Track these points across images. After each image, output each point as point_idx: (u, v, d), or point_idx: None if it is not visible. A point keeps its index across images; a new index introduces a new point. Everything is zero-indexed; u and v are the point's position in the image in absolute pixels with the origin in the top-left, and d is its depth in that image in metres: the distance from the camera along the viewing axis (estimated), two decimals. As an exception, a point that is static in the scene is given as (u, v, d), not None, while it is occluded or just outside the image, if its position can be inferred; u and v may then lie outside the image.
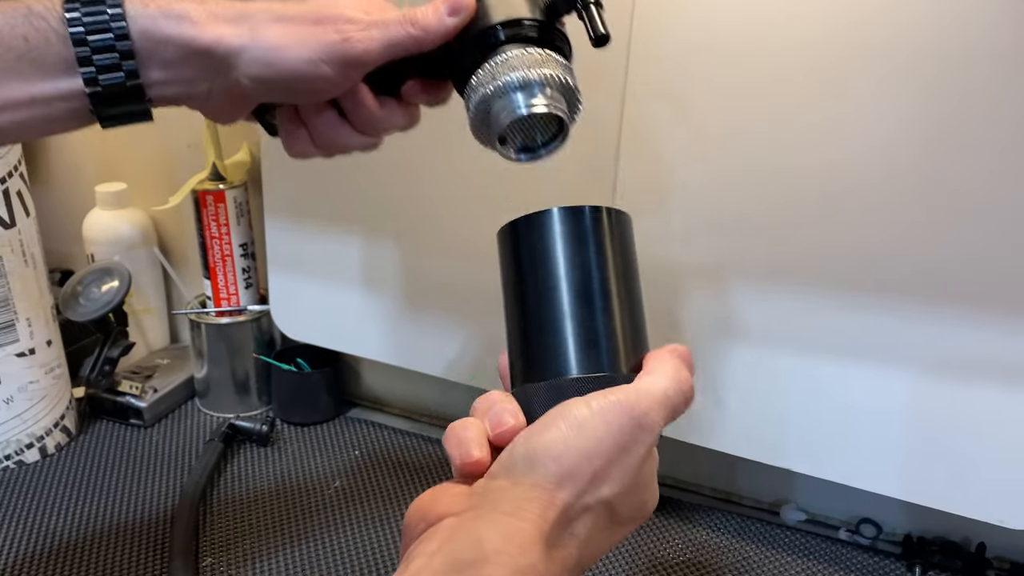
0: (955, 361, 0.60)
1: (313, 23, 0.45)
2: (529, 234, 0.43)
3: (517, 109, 0.44)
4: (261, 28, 0.44)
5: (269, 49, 0.44)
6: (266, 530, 0.75)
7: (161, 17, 0.43)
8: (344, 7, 0.46)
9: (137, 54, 0.43)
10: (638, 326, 0.44)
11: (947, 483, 0.64)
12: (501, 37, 0.45)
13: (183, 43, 0.43)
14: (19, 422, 0.83)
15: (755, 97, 0.61)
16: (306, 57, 0.44)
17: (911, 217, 0.58)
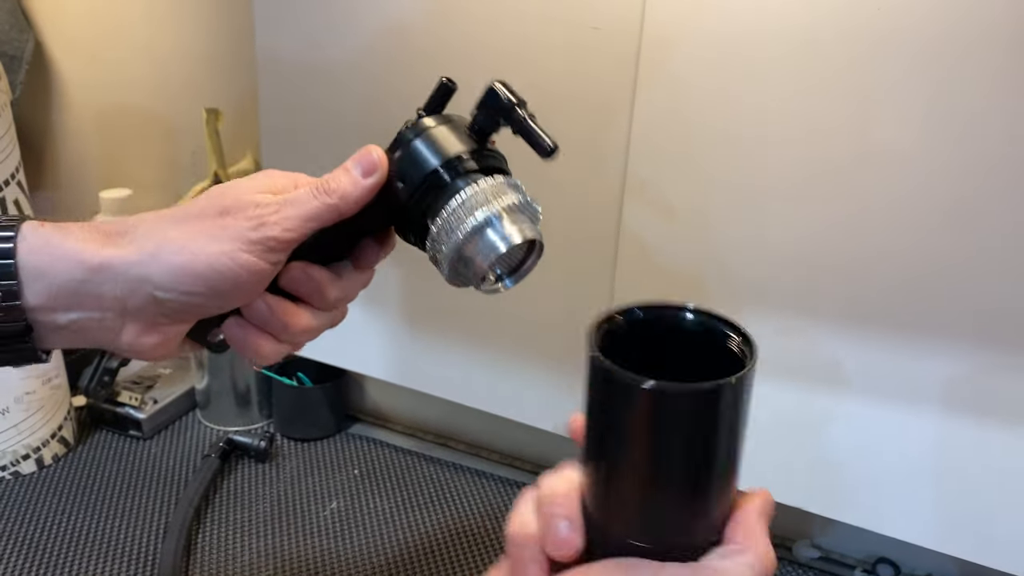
0: (982, 406, 0.57)
1: (218, 215, 0.41)
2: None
3: (496, 247, 0.42)
4: (163, 233, 0.41)
5: (178, 251, 0.40)
6: (259, 552, 0.73)
7: (56, 235, 0.40)
8: (247, 193, 0.42)
9: (20, 276, 0.39)
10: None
11: (971, 532, 0.60)
12: (446, 179, 0.42)
13: (77, 261, 0.39)
14: (15, 433, 0.81)
15: (776, 122, 0.58)
16: (222, 251, 0.41)
17: (941, 252, 0.55)
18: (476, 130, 0.44)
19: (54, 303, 0.40)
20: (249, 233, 0.41)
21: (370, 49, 0.70)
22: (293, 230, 0.42)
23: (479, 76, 0.66)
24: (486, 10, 0.65)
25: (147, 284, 0.41)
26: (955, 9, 0.50)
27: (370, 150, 0.43)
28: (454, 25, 0.66)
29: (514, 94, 0.43)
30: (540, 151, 0.42)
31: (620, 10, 0.60)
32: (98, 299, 0.41)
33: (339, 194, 0.43)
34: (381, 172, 0.43)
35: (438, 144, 0.43)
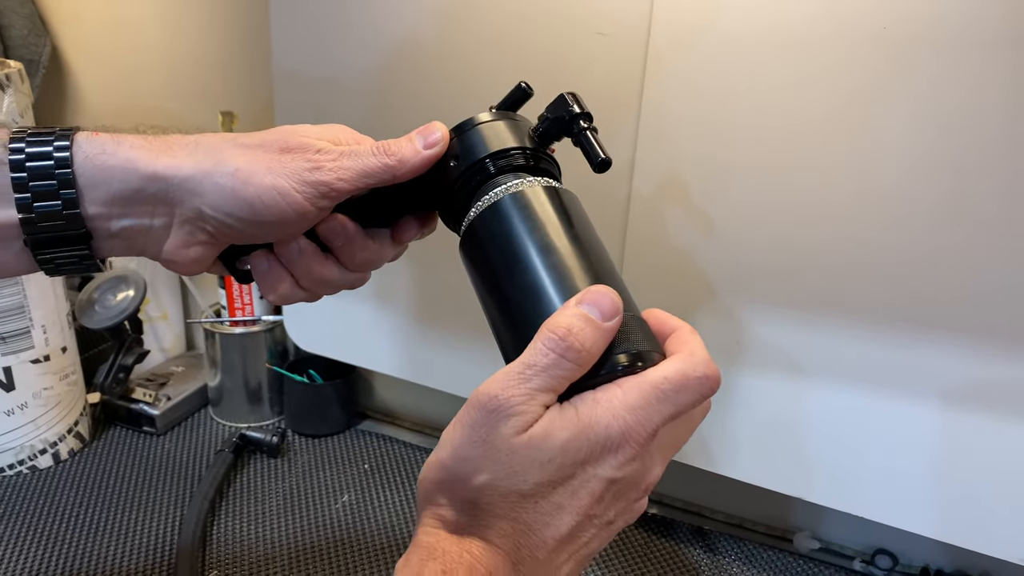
0: (977, 396, 0.59)
1: (280, 151, 0.42)
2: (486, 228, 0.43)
3: None
4: (222, 154, 0.42)
5: (233, 174, 0.41)
6: (273, 544, 0.75)
7: (110, 143, 0.40)
8: (311, 136, 0.44)
9: (79, 184, 0.40)
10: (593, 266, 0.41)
11: (967, 519, 0.62)
12: (491, 169, 0.44)
13: (132, 172, 0.40)
14: (33, 428, 0.83)
15: (780, 124, 0.59)
16: (274, 185, 0.41)
17: (938, 246, 0.57)
18: (539, 134, 0.45)
19: (110, 210, 0.41)
20: (305, 174, 0.42)
21: (384, 59, 0.72)
22: (347, 181, 0.43)
23: (488, 83, 0.68)
24: (495, 20, 0.66)
25: (197, 198, 0.41)
26: (956, 10, 0.52)
27: (435, 125, 0.45)
28: (464, 35, 0.68)
29: (581, 105, 0.44)
30: (592, 161, 0.43)
31: (627, 16, 0.62)
32: (150, 207, 0.42)
33: (398, 157, 0.44)
34: (441, 146, 0.45)
35: (495, 136, 0.45)
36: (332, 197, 0.43)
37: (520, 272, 0.40)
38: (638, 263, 0.68)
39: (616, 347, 0.37)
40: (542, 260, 0.40)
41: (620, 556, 0.75)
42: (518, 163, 0.45)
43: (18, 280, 0.78)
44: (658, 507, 0.82)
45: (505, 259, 0.41)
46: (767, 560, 0.76)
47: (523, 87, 0.47)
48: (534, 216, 0.42)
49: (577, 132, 0.44)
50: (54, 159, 0.40)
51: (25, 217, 0.40)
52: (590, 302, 0.37)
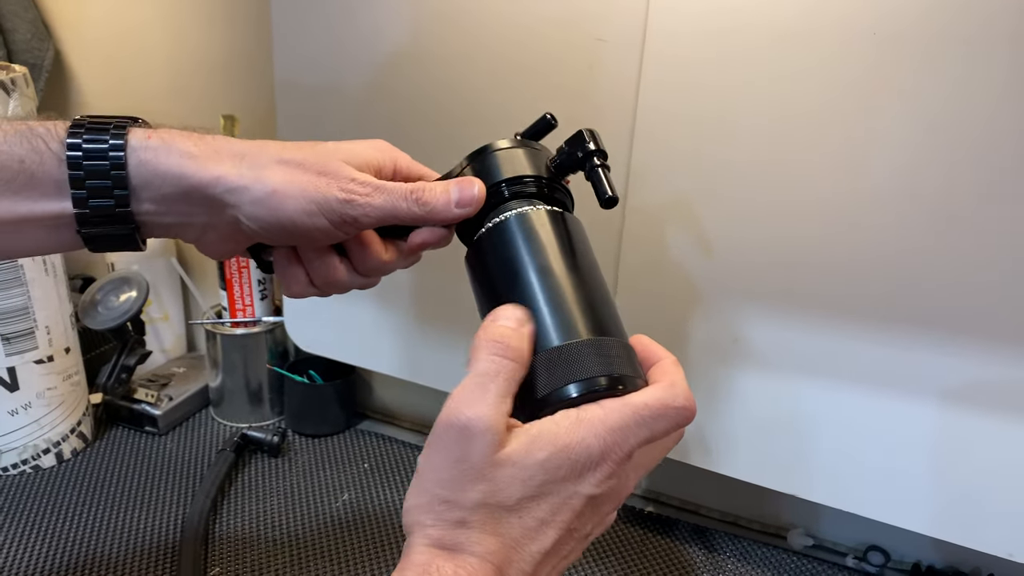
0: (968, 393, 0.60)
1: (317, 173, 0.44)
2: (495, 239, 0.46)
3: None
4: (264, 169, 0.44)
5: (271, 194, 0.44)
6: (275, 542, 0.76)
7: (162, 151, 0.43)
8: (352, 162, 0.46)
9: (131, 184, 0.43)
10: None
11: (958, 515, 0.63)
12: (505, 194, 0.47)
13: (181, 178, 0.43)
14: (36, 427, 0.84)
15: (776, 123, 0.61)
16: (305, 209, 0.44)
17: (934, 246, 0.58)
18: (556, 165, 0.47)
19: (156, 207, 0.44)
20: (335, 204, 0.44)
21: (383, 66, 0.73)
22: (373, 219, 0.46)
23: (487, 89, 0.69)
24: (493, 27, 0.67)
25: (235, 209, 0.44)
26: (956, 8, 0.53)
27: (474, 183, 0.46)
28: (463, 42, 0.69)
29: (597, 143, 0.46)
30: (600, 197, 0.45)
31: (623, 22, 0.63)
32: (194, 208, 0.45)
33: (429, 208, 0.46)
34: (475, 207, 0.46)
35: (512, 162, 0.47)
36: (358, 228, 0.47)
37: (517, 291, 0.43)
38: (634, 263, 0.69)
39: (599, 368, 0.40)
40: (538, 282, 0.43)
41: (617, 553, 0.76)
42: (531, 191, 0.47)
43: (23, 281, 0.79)
44: (654, 505, 0.83)
45: (504, 276, 0.44)
46: (761, 557, 0.77)
47: (547, 118, 0.50)
48: (535, 238, 0.44)
49: (590, 168, 0.46)
50: (109, 159, 0.42)
51: (80, 213, 0.43)
52: (500, 316, 0.41)
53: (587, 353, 0.40)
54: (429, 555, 0.37)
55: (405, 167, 0.50)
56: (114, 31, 0.98)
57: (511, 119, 0.68)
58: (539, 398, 0.40)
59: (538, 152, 0.49)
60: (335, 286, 0.51)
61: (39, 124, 0.43)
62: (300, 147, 0.46)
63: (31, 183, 0.42)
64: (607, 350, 0.41)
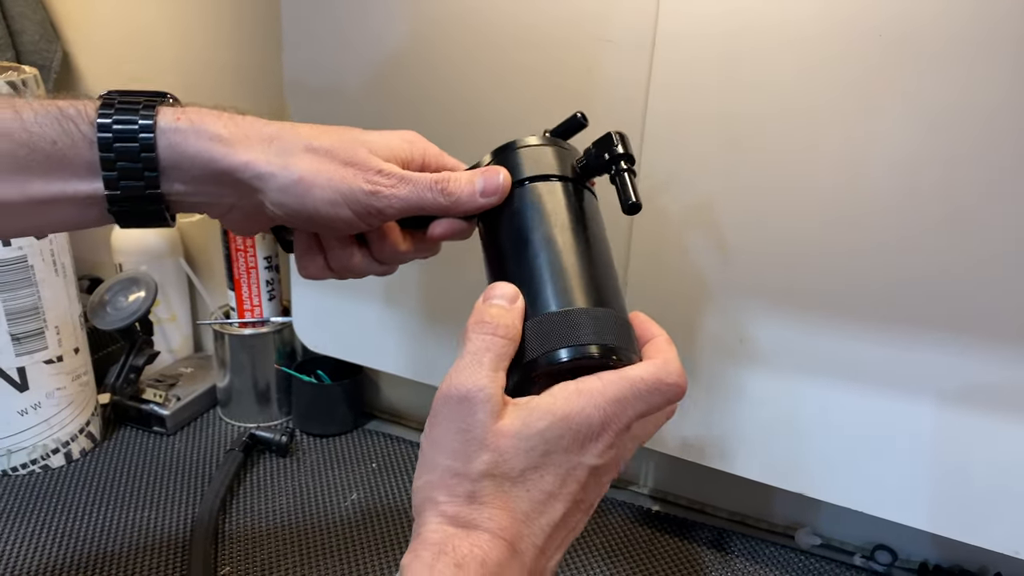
0: (974, 392, 0.60)
1: (344, 163, 0.45)
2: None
3: None
4: (292, 157, 0.44)
5: (297, 182, 0.44)
6: (284, 541, 0.76)
7: (192, 133, 0.43)
8: (379, 153, 0.46)
9: (160, 166, 0.43)
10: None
11: (964, 513, 0.63)
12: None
13: (210, 162, 0.43)
14: (46, 427, 0.84)
15: (784, 124, 0.61)
16: (330, 199, 0.45)
17: (935, 245, 0.58)
18: (582, 166, 0.47)
19: (185, 188, 0.45)
20: (360, 195, 0.45)
21: (393, 67, 0.73)
22: (398, 210, 0.46)
23: (497, 88, 0.69)
24: (501, 29, 0.68)
25: (261, 194, 0.45)
26: (962, 10, 0.53)
27: (499, 172, 0.46)
28: (474, 42, 0.69)
29: (625, 147, 0.46)
30: (623, 202, 0.45)
31: (632, 22, 0.63)
32: (221, 190, 0.45)
33: (454, 198, 0.46)
34: (499, 196, 0.46)
35: (537, 160, 0.47)
36: (382, 219, 0.47)
37: (521, 254, 0.44)
38: (643, 263, 0.69)
39: (592, 336, 0.41)
40: (543, 247, 0.44)
41: (624, 553, 0.77)
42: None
43: (33, 282, 0.79)
44: (662, 504, 0.83)
45: (511, 239, 0.45)
46: (769, 556, 0.77)
47: (578, 117, 0.50)
48: (546, 206, 0.45)
49: (615, 172, 0.46)
50: (139, 141, 0.43)
51: (111, 194, 0.43)
52: (493, 296, 0.42)
53: (582, 321, 0.41)
54: (443, 533, 0.38)
55: (434, 159, 0.50)
56: (122, 32, 0.98)
57: (519, 120, 0.69)
58: (528, 360, 0.41)
59: (565, 151, 0.49)
60: (352, 272, 0.52)
61: (70, 104, 0.43)
62: (329, 133, 0.46)
63: (63, 164, 0.43)
64: (603, 320, 0.41)
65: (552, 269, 0.43)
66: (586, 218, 0.46)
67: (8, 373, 0.80)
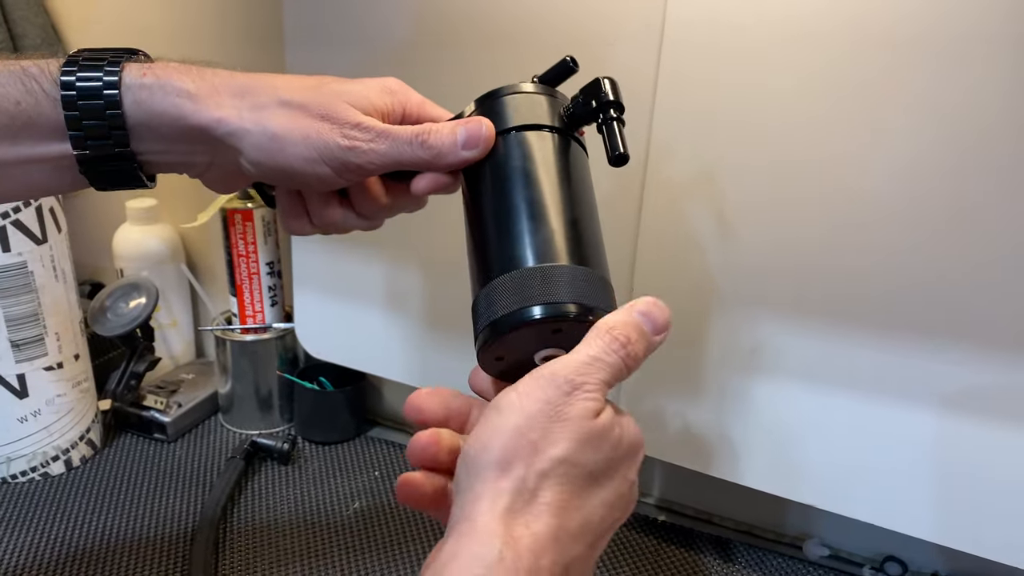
0: (980, 401, 0.59)
1: (320, 117, 0.43)
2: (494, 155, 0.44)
3: None
4: (265, 112, 0.43)
5: (271, 138, 0.43)
6: (286, 550, 0.75)
7: (158, 88, 0.42)
8: (355, 103, 0.44)
9: (128, 124, 0.42)
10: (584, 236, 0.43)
11: (975, 525, 0.62)
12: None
13: (179, 119, 0.42)
14: (46, 435, 0.84)
15: (781, 131, 0.60)
16: (305, 155, 0.43)
17: (940, 252, 0.57)
18: (570, 114, 0.45)
19: (156, 147, 0.43)
20: (336, 150, 0.43)
21: (393, 68, 0.73)
22: (377, 165, 0.44)
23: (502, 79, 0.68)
24: (506, 29, 0.67)
25: (235, 152, 0.43)
26: (970, 10, 0.53)
27: (482, 123, 0.44)
28: (479, 38, 0.69)
29: (614, 93, 0.44)
30: (610, 153, 0.43)
31: (639, 22, 0.62)
32: (193, 150, 0.44)
33: (435, 151, 0.44)
34: (482, 150, 0.44)
35: (525, 108, 0.45)
36: (362, 175, 0.45)
37: (504, 206, 0.42)
38: (651, 270, 0.68)
39: (570, 294, 0.39)
40: (525, 199, 0.42)
41: (630, 563, 0.76)
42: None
43: (32, 288, 0.78)
44: (668, 514, 0.82)
45: (494, 189, 0.43)
46: (777, 567, 0.76)
47: (567, 61, 0.47)
48: (533, 158, 0.43)
49: (603, 120, 0.44)
50: (104, 98, 0.41)
51: (80, 154, 0.42)
52: (647, 314, 0.39)
53: (562, 278, 0.39)
54: (496, 523, 0.34)
55: (416, 109, 0.48)
56: (123, 36, 0.97)
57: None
58: (501, 316, 0.39)
59: (552, 99, 0.46)
60: (335, 227, 0.50)
61: (32, 63, 0.41)
62: (305, 85, 0.44)
63: (29, 125, 0.41)
64: (582, 278, 0.40)
65: (533, 219, 0.41)
66: (571, 170, 0.44)
67: (8, 380, 0.80)
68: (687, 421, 0.71)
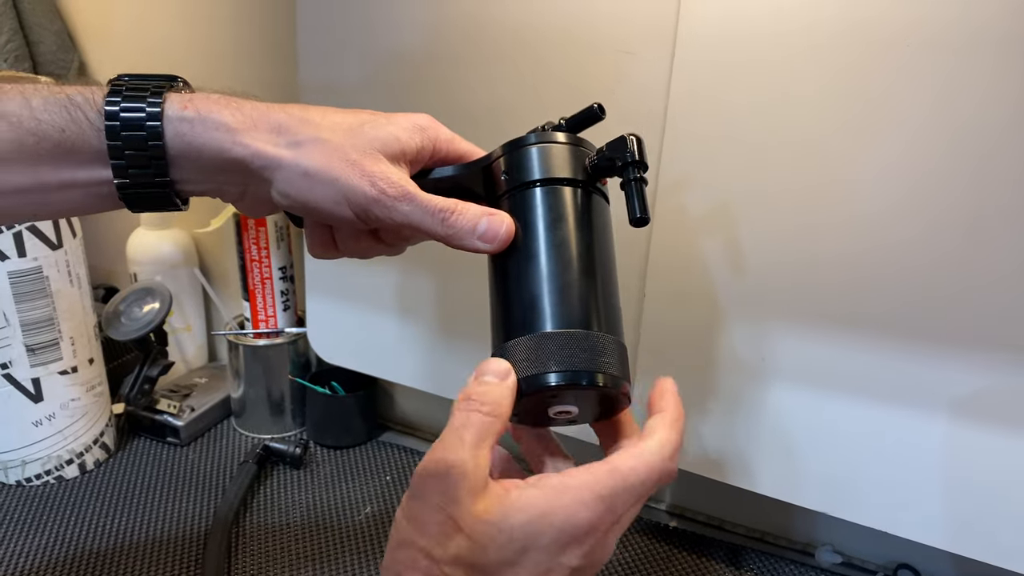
0: (996, 408, 0.59)
1: (352, 163, 0.44)
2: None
3: None
4: (299, 148, 0.44)
5: (302, 175, 0.43)
6: (298, 554, 0.76)
7: (199, 122, 0.43)
8: (386, 148, 0.45)
9: (168, 155, 0.43)
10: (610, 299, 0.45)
11: (988, 532, 0.62)
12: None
13: (218, 152, 0.43)
14: (60, 438, 0.84)
15: (792, 140, 0.60)
16: (333, 197, 0.44)
17: (955, 260, 0.57)
18: (594, 166, 0.45)
19: (193, 176, 0.44)
20: (362, 200, 0.44)
21: (408, 76, 0.73)
22: (397, 223, 0.45)
23: (513, 97, 0.69)
24: (521, 38, 0.67)
25: (268, 184, 0.44)
26: (980, 13, 0.52)
27: (503, 222, 0.45)
28: (492, 51, 0.69)
29: (641, 153, 0.44)
30: (632, 215, 0.43)
31: (652, 33, 0.62)
32: (229, 180, 0.45)
33: (453, 232, 0.45)
34: (497, 247, 0.45)
35: (549, 160, 0.45)
36: (380, 225, 0.46)
37: (523, 264, 0.44)
38: (661, 280, 0.68)
39: (585, 363, 0.41)
40: (546, 260, 0.43)
41: (641, 570, 0.75)
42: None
43: (48, 293, 0.79)
44: (679, 520, 0.82)
45: (515, 245, 0.44)
46: (788, 574, 0.76)
47: (595, 109, 0.48)
48: (555, 215, 0.44)
49: (625, 181, 0.44)
50: (146, 129, 0.42)
51: (120, 182, 0.43)
52: (483, 372, 0.41)
53: (577, 345, 0.40)
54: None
55: (445, 145, 0.49)
56: (140, 42, 0.98)
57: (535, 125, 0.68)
58: (525, 376, 0.41)
59: (578, 150, 0.46)
60: (359, 254, 0.51)
61: (77, 91, 0.42)
62: (343, 126, 0.45)
63: (72, 152, 0.42)
64: (598, 345, 0.41)
65: (554, 281, 0.42)
66: (592, 230, 0.45)
67: (23, 384, 0.80)
68: (698, 428, 0.71)
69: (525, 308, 0.43)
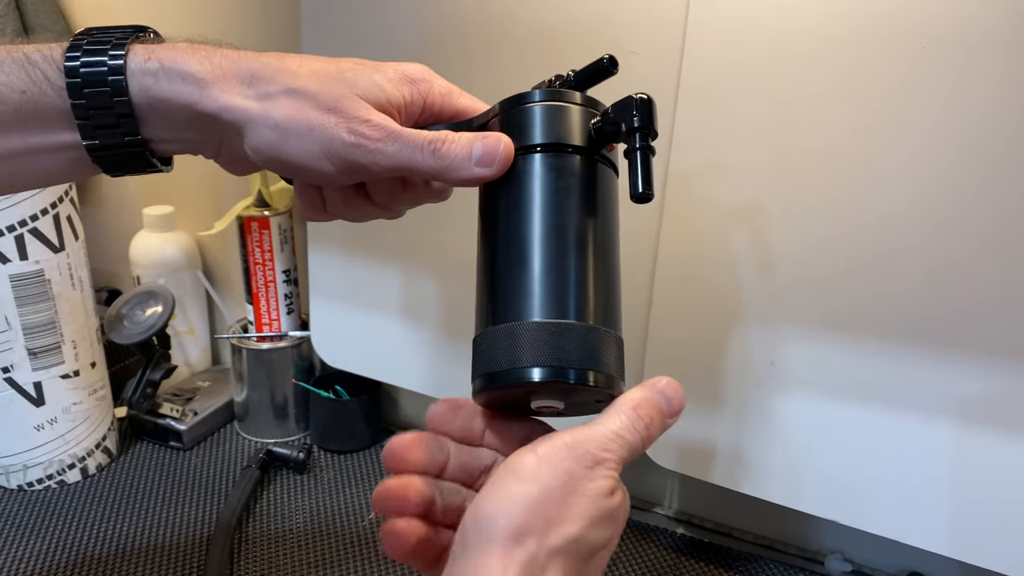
0: (1005, 416, 0.58)
1: (327, 110, 0.40)
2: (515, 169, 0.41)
3: None
4: (271, 100, 0.40)
5: (274, 128, 0.40)
6: (301, 559, 0.75)
7: (163, 74, 0.40)
8: (367, 94, 0.41)
9: (136, 112, 0.40)
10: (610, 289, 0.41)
11: (997, 541, 0.61)
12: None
13: (186, 106, 0.40)
14: (62, 442, 0.84)
15: (803, 142, 0.59)
16: (307, 149, 0.40)
17: (966, 268, 0.56)
18: (596, 129, 0.41)
19: (167, 134, 0.42)
20: (340, 147, 0.40)
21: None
22: (383, 167, 0.41)
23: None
24: (522, 39, 0.67)
25: (240, 139, 0.41)
26: (991, 15, 0.52)
27: (500, 142, 0.41)
28: (498, 50, 0.68)
29: (648, 116, 0.39)
30: (633, 189, 0.39)
31: (660, 34, 0.62)
32: (203, 136, 0.42)
33: (446, 163, 0.41)
34: (496, 171, 0.41)
35: (555, 124, 0.41)
36: (365, 175, 0.42)
37: (520, 244, 0.40)
38: (670, 284, 0.68)
39: (579, 359, 0.38)
40: (543, 243, 0.39)
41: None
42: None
43: (49, 296, 0.78)
44: (687, 527, 0.81)
45: (512, 222, 0.40)
46: (798, 582, 0.75)
47: (604, 62, 0.42)
48: (549, 190, 0.40)
49: (631, 148, 0.39)
50: (109, 85, 0.39)
51: (90, 143, 0.40)
52: (668, 397, 0.39)
53: (572, 338, 0.37)
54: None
55: (439, 99, 0.45)
56: (142, 44, 0.97)
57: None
58: (501, 370, 0.38)
59: (584, 111, 0.42)
60: (353, 217, 0.47)
61: (35, 49, 0.40)
62: (319, 72, 0.41)
63: (35, 114, 0.39)
64: (594, 340, 0.38)
65: (550, 267, 0.38)
66: (596, 204, 0.40)
67: (24, 388, 0.80)
68: (706, 434, 0.70)
69: (513, 291, 0.39)
